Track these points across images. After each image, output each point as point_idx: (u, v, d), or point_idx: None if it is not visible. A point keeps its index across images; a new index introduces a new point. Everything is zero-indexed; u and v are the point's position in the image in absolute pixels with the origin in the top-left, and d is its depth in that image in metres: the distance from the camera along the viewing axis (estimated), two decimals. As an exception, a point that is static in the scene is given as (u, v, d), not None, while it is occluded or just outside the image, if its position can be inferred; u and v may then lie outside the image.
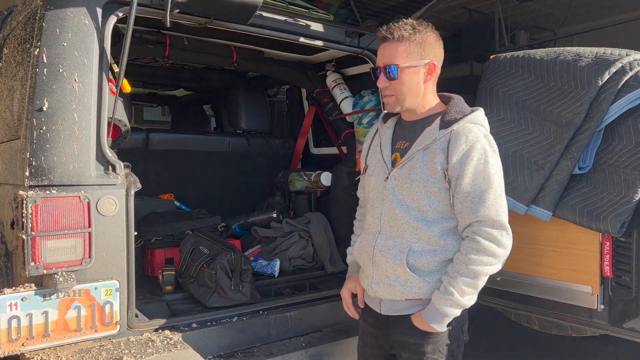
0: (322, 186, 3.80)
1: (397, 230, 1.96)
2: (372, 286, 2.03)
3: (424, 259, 1.91)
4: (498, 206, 1.86)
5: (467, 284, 1.84)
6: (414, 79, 1.95)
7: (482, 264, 1.83)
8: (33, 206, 1.98)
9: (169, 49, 3.21)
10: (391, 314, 2.02)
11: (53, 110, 2.09)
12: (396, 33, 1.93)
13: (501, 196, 1.88)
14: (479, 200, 1.84)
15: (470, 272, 1.83)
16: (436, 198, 1.91)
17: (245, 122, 4.03)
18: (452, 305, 1.86)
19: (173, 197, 3.72)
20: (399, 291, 1.95)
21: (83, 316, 2.14)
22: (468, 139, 1.86)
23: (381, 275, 1.99)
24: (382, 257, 1.98)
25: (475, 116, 1.94)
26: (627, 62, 2.43)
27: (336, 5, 6.17)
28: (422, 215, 1.92)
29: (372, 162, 2.12)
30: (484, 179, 1.85)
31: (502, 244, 1.85)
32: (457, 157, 1.86)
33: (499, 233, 1.85)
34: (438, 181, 1.89)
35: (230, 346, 2.52)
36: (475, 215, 1.85)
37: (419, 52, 1.94)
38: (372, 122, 3.35)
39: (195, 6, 2.37)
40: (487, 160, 1.86)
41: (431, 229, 1.91)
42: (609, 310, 2.51)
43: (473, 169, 1.85)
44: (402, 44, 1.94)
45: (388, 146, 2.08)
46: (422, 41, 1.95)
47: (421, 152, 1.94)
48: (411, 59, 1.93)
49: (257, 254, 3.45)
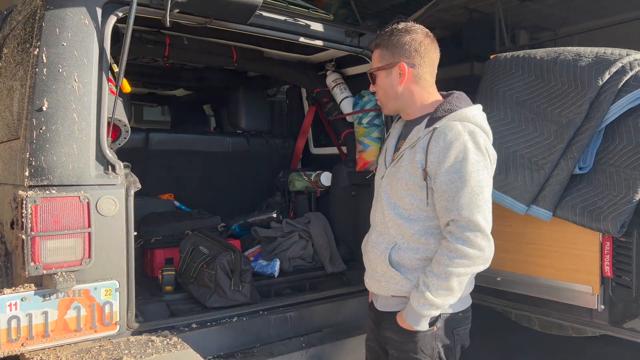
0: (322, 186, 3.80)
1: (385, 227, 2.01)
2: (367, 280, 2.11)
3: (406, 255, 1.94)
4: (473, 206, 1.80)
5: (440, 285, 1.83)
6: (387, 83, 2.03)
7: (454, 266, 1.81)
8: (33, 206, 1.98)
9: (169, 48, 3.21)
10: (384, 310, 2.06)
11: (53, 110, 2.09)
12: (375, 41, 2.06)
13: (479, 195, 1.82)
14: (454, 199, 1.82)
15: (442, 272, 1.82)
16: (417, 196, 1.92)
17: (245, 122, 4.02)
18: (425, 305, 1.85)
19: (173, 197, 3.71)
20: (384, 287, 2.00)
21: (83, 316, 2.13)
22: (447, 136, 1.84)
23: (372, 270, 2.06)
24: (372, 252, 2.05)
25: (462, 113, 1.90)
26: (627, 62, 2.42)
27: (336, 5, 6.17)
28: (405, 212, 1.96)
29: (379, 161, 2.19)
30: (460, 177, 1.82)
31: (475, 245, 1.80)
32: (435, 155, 1.85)
33: (473, 234, 1.80)
34: (417, 179, 1.91)
35: (230, 346, 2.52)
36: (450, 215, 1.83)
37: (389, 55, 2.01)
38: (372, 122, 3.35)
39: (195, 6, 2.37)
40: (465, 158, 1.82)
41: (412, 227, 1.94)
42: (609, 310, 2.51)
43: (449, 167, 1.83)
44: (377, 51, 2.06)
45: (392, 145, 2.13)
46: (393, 45, 1.99)
47: (408, 150, 1.97)
48: (380, 63, 2.02)
49: (257, 254, 3.44)
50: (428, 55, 2.01)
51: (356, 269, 3.22)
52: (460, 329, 2.01)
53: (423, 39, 2.00)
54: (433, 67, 2.04)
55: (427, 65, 2.01)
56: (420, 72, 2.00)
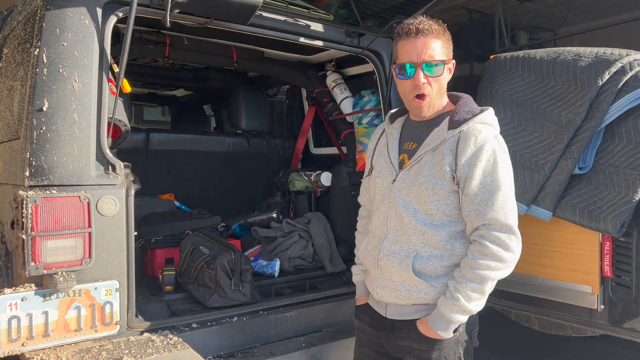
0: (322, 186, 3.80)
1: (404, 235, 1.91)
2: (377, 290, 1.99)
3: (430, 264, 1.87)
4: (507, 209, 1.80)
5: (474, 289, 1.79)
6: (446, 77, 1.93)
7: (489, 269, 1.78)
8: (33, 206, 1.98)
9: (169, 49, 3.21)
10: (399, 318, 1.97)
11: (53, 110, 2.09)
12: (433, 28, 1.85)
13: (510, 199, 1.82)
14: (487, 203, 1.79)
15: (477, 276, 1.78)
16: (444, 201, 1.86)
17: (245, 122, 4.02)
18: (457, 311, 1.81)
19: (173, 197, 3.71)
20: (404, 296, 1.91)
21: (83, 316, 2.14)
22: (477, 139, 1.82)
23: (386, 279, 1.94)
24: (388, 261, 1.93)
25: (484, 116, 1.90)
26: (627, 62, 2.43)
27: (336, 5, 6.17)
28: (429, 219, 1.88)
29: (379, 164, 2.07)
30: (492, 181, 1.80)
31: (510, 249, 1.79)
32: (466, 158, 1.81)
33: (507, 237, 1.79)
34: (446, 183, 1.84)
35: (230, 346, 2.51)
36: (483, 219, 1.80)
37: (449, 49, 1.93)
38: (372, 122, 3.35)
39: (195, 6, 2.37)
40: (496, 162, 1.82)
41: (439, 233, 1.87)
42: (609, 310, 2.51)
43: (481, 171, 1.80)
44: (439, 40, 1.88)
45: (395, 147, 2.03)
46: (450, 39, 1.93)
47: (429, 153, 1.89)
48: (445, 56, 1.90)
49: (257, 254, 3.44)
50: None
51: (356, 269, 3.23)
52: (474, 331, 1.99)
53: None
54: None
55: None
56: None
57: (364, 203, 2.28)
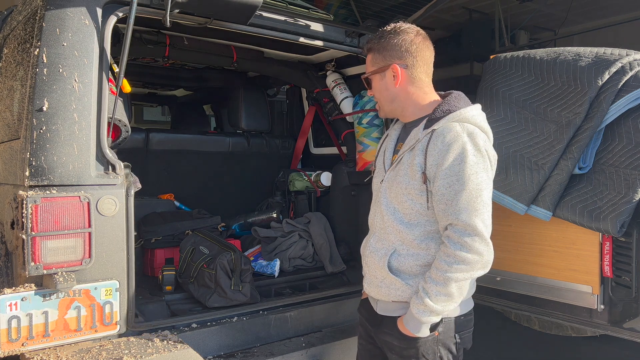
0: (322, 186, 3.80)
1: (385, 233, 1.98)
2: (365, 285, 2.10)
3: (406, 262, 1.91)
4: (471, 209, 1.76)
5: (439, 291, 1.79)
6: (382, 86, 2.02)
7: (452, 271, 1.77)
8: (33, 206, 1.98)
9: (169, 49, 3.21)
10: (385, 314, 2.03)
11: (53, 110, 2.09)
12: (367, 46, 2.05)
13: (477, 198, 1.78)
14: (452, 203, 1.78)
15: (441, 278, 1.78)
16: (417, 200, 1.88)
17: (245, 122, 4.02)
18: (425, 312, 1.82)
19: (173, 197, 3.71)
20: (385, 293, 1.97)
21: (83, 316, 2.14)
22: (445, 138, 1.80)
23: (371, 276, 2.04)
24: (372, 258, 2.02)
25: (461, 113, 1.86)
26: (627, 62, 2.42)
27: (336, 5, 6.17)
28: (405, 218, 1.92)
29: (377, 164, 2.15)
30: (458, 180, 1.78)
31: (473, 250, 1.76)
32: (434, 157, 1.82)
33: (471, 239, 1.76)
34: (417, 183, 1.87)
35: (230, 346, 2.52)
36: (448, 218, 1.80)
37: (380, 58, 2.00)
38: (372, 122, 3.35)
39: (195, 6, 2.37)
40: (463, 161, 1.78)
41: (412, 232, 1.90)
42: (609, 310, 2.51)
43: (447, 170, 1.79)
44: (369, 55, 2.05)
45: (390, 148, 2.09)
46: (383, 47, 1.98)
47: (407, 153, 1.93)
48: (374, 67, 2.02)
49: (257, 254, 3.44)
50: (421, 54, 1.96)
51: (356, 269, 3.23)
52: (463, 332, 1.98)
53: (413, 38, 1.95)
54: (428, 66, 2.00)
55: (420, 64, 1.96)
56: (414, 73, 1.96)
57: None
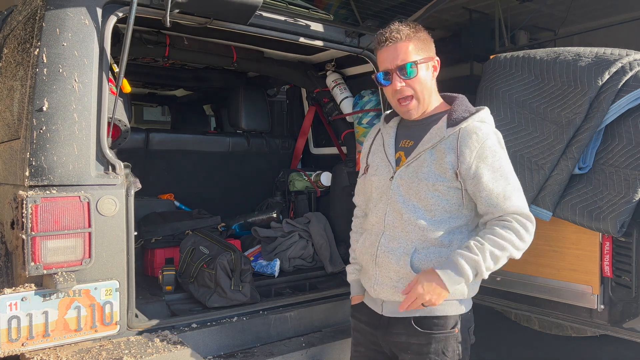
0: (322, 186, 3.80)
1: (402, 231, 1.92)
2: (375, 287, 1.99)
3: (429, 259, 1.89)
4: (521, 199, 1.89)
5: (492, 255, 1.80)
6: (428, 75, 1.97)
7: (509, 242, 1.81)
8: (33, 206, 1.98)
9: (169, 49, 3.21)
10: (393, 316, 1.98)
11: (53, 110, 2.09)
12: (401, 34, 1.93)
13: (520, 189, 1.91)
14: (504, 198, 1.85)
15: (497, 244, 1.81)
16: (445, 197, 1.89)
17: (245, 122, 4.02)
18: (471, 265, 1.79)
19: (173, 197, 3.72)
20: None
21: (83, 316, 2.14)
22: (479, 136, 1.87)
23: (384, 276, 1.95)
24: (386, 258, 1.94)
25: (482, 115, 1.96)
26: (627, 62, 2.42)
27: (336, 5, 6.17)
28: (429, 214, 1.90)
29: (375, 162, 2.10)
30: (502, 176, 1.87)
31: (529, 232, 1.85)
32: (470, 155, 1.86)
33: (529, 222, 1.86)
34: (447, 180, 1.88)
35: (230, 346, 2.52)
36: (503, 211, 1.86)
37: (425, 48, 1.97)
38: (372, 122, 3.35)
39: (195, 6, 2.37)
40: (500, 157, 1.89)
41: (438, 229, 1.89)
42: (609, 310, 2.51)
43: (490, 167, 1.86)
44: (409, 43, 1.93)
45: (392, 145, 2.06)
46: (425, 38, 1.98)
47: (429, 151, 1.93)
48: (420, 55, 1.95)
49: (257, 254, 3.45)
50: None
51: (356, 269, 3.22)
52: (472, 327, 2.02)
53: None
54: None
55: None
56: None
57: (359, 203, 2.29)
